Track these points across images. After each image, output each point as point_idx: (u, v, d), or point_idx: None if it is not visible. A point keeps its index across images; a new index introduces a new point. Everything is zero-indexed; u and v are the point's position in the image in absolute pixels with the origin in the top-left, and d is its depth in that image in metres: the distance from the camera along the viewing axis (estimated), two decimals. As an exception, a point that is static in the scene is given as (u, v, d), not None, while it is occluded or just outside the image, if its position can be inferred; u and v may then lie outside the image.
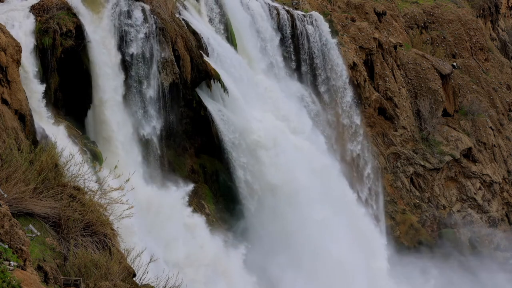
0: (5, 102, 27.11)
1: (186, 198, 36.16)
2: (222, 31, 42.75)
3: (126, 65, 34.80)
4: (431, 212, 53.87)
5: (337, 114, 50.43)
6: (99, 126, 33.99)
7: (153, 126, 35.90)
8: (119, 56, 34.55)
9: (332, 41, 50.33)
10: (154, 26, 35.69)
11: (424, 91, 56.77)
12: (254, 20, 45.55)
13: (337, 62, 50.11)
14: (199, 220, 35.94)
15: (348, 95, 50.78)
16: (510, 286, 51.03)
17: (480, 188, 56.40)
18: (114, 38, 34.60)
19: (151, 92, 35.58)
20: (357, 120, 51.65)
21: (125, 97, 34.79)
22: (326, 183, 43.01)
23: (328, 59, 49.71)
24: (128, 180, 18.72)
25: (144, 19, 35.54)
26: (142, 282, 15.32)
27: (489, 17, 73.56)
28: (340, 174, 46.52)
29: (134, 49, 34.97)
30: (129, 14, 35.15)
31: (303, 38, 48.50)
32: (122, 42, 34.81)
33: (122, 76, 34.55)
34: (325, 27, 50.29)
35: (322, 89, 49.40)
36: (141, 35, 35.21)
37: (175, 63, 36.73)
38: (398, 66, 56.21)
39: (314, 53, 49.03)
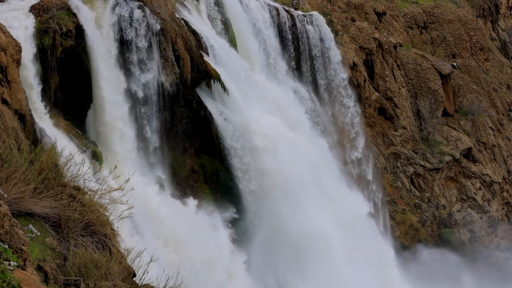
0: (5, 102, 27.12)
1: (232, 237, 34.70)
2: (222, 31, 42.75)
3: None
4: (431, 212, 53.86)
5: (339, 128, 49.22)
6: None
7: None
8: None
9: (332, 41, 50.29)
10: (154, 27, 35.69)
11: (424, 91, 56.76)
12: (254, 20, 45.53)
13: (337, 62, 50.07)
14: (240, 267, 34.48)
15: (349, 96, 50.69)
16: (510, 286, 51.03)
17: (480, 188, 56.40)
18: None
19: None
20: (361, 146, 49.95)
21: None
22: (358, 237, 40.34)
23: (328, 59, 49.68)
24: (127, 180, 18.70)
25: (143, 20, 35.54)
26: (142, 282, 15.32)
27: (489, 17, 73.53)
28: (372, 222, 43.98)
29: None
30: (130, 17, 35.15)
31: (303, 38, 48.48)
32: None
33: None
34: (325, 27, 50.26)
35: (321, 88, 49.34)
36: (141, 38, 35.20)
37: (175, 63, 36.73)
38: (398, 66, 56.20)
39: (314, 53, 49.01)
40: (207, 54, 39.18)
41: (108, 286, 13.41)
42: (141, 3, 35.92)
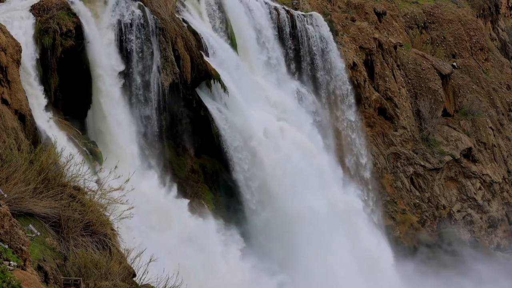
0: (5, 102, 27.13)
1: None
2: (222, 31, 42.75)
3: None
4: (431, 212, 53.85)
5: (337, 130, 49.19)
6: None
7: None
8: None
9: (332, 41, 50.25)
10: (154, 27, 35.69)
11: (424, 91, 56.75)
12: (254, 21, 45.53)
13: (337, 62, 50.04)
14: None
15: (349, 95, 50.66)
16: (510, 286, 51.01)
17: (480, 188, 56.39)
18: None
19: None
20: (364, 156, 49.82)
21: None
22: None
23: (328, 59, 49.65)
24: (127, 180, 18.66)
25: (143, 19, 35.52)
26: (142, 282, 15.30)
27: (489, 17, 73.52)
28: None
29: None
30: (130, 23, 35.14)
31: (303, 38, 48.45)
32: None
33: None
34: (325, 27, 50.24)
35: (321, 89, 49.32)
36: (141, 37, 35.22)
37: (175, 63, 36.73)
38: (398, 66, 56.19)
39: (314, 53, 48.97)
40: (207, 54, 39.19)
41: (108, 286, 13.41)
42: (141, 3, 35.91)
